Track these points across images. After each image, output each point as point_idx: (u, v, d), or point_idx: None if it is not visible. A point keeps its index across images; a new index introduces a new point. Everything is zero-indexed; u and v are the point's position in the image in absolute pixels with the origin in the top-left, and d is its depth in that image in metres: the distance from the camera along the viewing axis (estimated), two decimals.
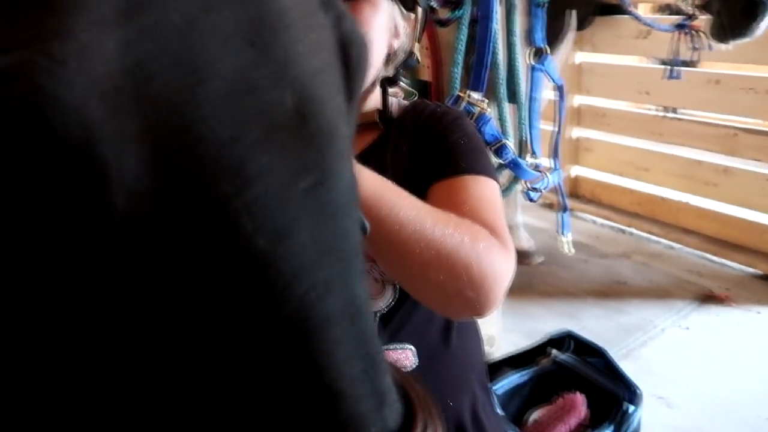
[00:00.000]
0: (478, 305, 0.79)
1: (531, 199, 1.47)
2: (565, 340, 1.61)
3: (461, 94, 1.29)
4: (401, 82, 1.01)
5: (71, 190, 0.29)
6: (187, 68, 0.31)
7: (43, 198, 0.29)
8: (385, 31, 0.92)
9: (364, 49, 0.44)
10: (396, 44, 0.95)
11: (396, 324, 0.92)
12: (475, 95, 1.29)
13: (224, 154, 0.32)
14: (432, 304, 0.83)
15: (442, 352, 0.98)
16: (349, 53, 0.42)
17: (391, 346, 0.92)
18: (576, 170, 3.65)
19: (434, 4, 1.32)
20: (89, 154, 0.28)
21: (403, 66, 0.99)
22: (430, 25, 1.37)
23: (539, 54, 1.43)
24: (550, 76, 1.43)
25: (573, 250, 1.59)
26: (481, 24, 1.26)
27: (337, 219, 0.38)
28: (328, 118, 0.38)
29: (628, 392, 1.42)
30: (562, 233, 1.60)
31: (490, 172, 0.91)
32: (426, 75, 1.44)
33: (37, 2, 0.28)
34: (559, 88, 1.47)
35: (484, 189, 0.89)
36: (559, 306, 2.79)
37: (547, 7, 2.37)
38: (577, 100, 3.45)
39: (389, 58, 0.96)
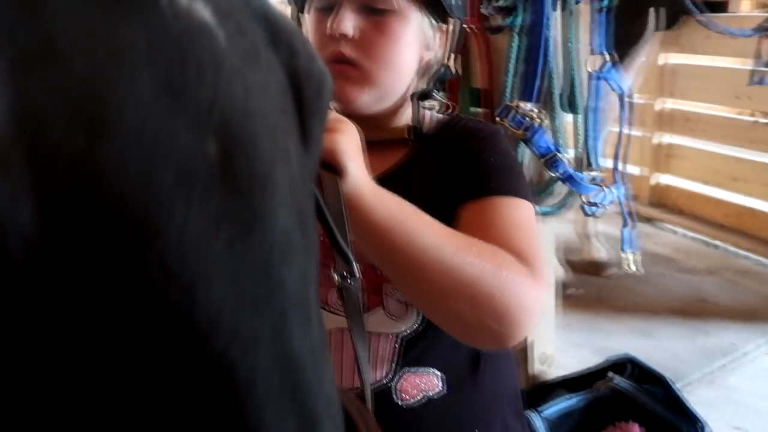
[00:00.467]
0: (501, 337, 0.75)
1: (588, 214, 1.39)
2: (626, 365, 1.52)
3: (511, 104, 1.24)
4: (436, 95, 0.98)
5: None
6: (88, 120, 0.30)
7: None
8: (416, 44, 0.89)
9: (322, 84, 0.43)
10: (428, 56, 0.92)
11: (421, 348, 0.90)
12: (526, 105, 1.23)
13: (129, 207, 0.31)
14: (453, 333, 0.80)
15: (471, 378, 0.94)
16: (303, 91, 0.41)
17: (415, 370, 0.90)
18: (659, 178, 3.45)
19: (486, 11, 1.28)
20: None
21: (439, 78, 0.96)
22: (483, 32, 1.33)
23: (603, 61, 1.35)
24: (612, 85, 1.35)
25: (642, 270, 1.49)
26: (533, 31, 1.21)
27: (268, 269, 0.36)
28: (262, 163, 0.36)
29: (692, 426, 1.32)
30: (624, 249, 1.51)
31: (523, 193, 0.86)
32: (480, 83, 1.40)
33: None
34: (620, 97, 1.38)
35: (516, 211, 0.84)
36: (633, 322, 2.64)
37: (627, 7, 2.27)
38: (660, 103, 3.26)
39: (422, 71, 0.93)
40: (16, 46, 0.29)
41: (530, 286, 0.76)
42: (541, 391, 1.50)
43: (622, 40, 2.40)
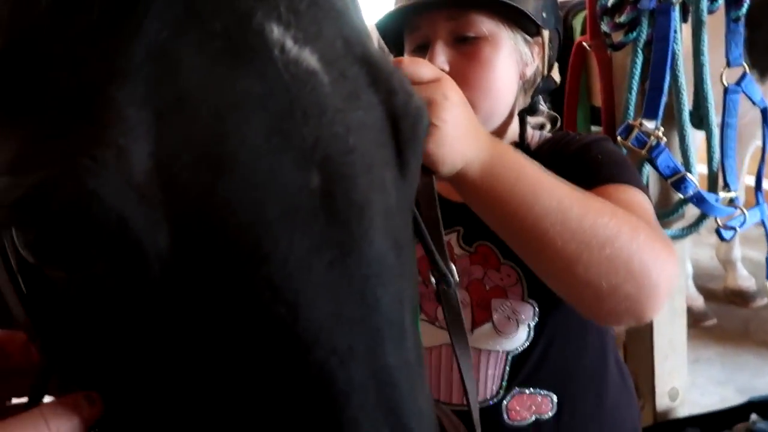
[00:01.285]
0: (639, 304, 0.69)
1: (723, 238, 1.28)
2: None
3: (633, 123, 1.18)
4: (542, 107, 0.96)
5: (114, 260, 0.36)
6: (212, 160, 0.36)
7: (96, 262, 0.37)
8: (512, 64, 0.89)
9: (418, 120, 0.46)
10: (529, 72, 0.91)
11: (531, 367, 0.88)
12: (648, 124, 1.17)
13: (244, 233, 0.36)
14: (584, 305, 0.74)
15: (586, 405, 0.90)
16: (399, 126, 0.44)
17: (527, 390, 0.88)
18: None
19: (606, 28, 1.24)
20: (125, 235, 0.35)
21: (542, 91, 0.95)
22: (603, 49, 1.28)
23: (741, 73, 1.25)
24: (750, 99, 1.24)
25: None
26: (657, 46, 1.15)
27: (364, 290, 0.40)
28: (360, 193, 0.40)
29: None
30: None
31: (637, 183, 0.83)
32: (599, 101, 1.35)
33: (82, 116, 0.35)
34: (763, 111, 1.26)
35: (632, 196, 0.80)
36: None
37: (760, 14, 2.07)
38: None
39: (525, 87, 0.93)
40: (156, 100, 0.35)
41: (668, 252, 0.70)
42: (669, 428, 1.39)
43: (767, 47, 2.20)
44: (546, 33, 0.92)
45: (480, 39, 0.87)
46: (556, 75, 0.96)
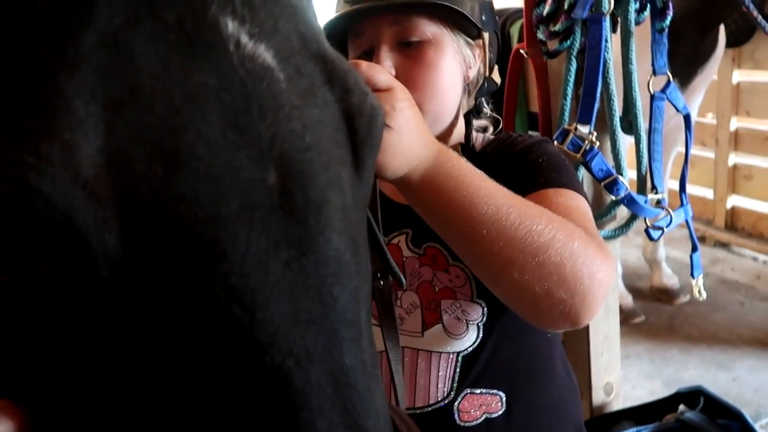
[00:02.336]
0: (572, 310, 0.71)
1: (652, 238, 1.34)
2: (698, 398, 1.44)
3: (568, 128, 1.23)
4: (485, 109, 0.99)
5: (59, 261, 0.34)
6: (166, 155, 0.34)
7: (37, 264, 0.34)
8: (456, 66, 0.91)
9: (374, 119, 0.46)
10: (472, 74, 0.93)
11: (480, 366, 0.89)
12: (583, 128, 1.22)
13: (199, 230, 0.35)
14: (520, 308, 0.76)
15: (536, 402, 0.92)
16: (356, 125, 0.44)
17: (477, 390, 0.89)
18: (734, 200, 3.29)
19: (542, 36, 1.28)
20: (71, 234, 0.33)
21: (485, 92, 0.97)
22: (539, 56, 1.33)
23: (666, 82, 1.32)
24: (674, 105, 1.31)
25: (704, 295, 1.42)
26: (589, 54, 1.20)
27: (321, 289, 0.39)
28: (317, 191, 0.40)
29: None
30: (694, 276, 1.44)
31: (576, 187, 0.85)
32: (536, 107, 1.39)
33: (27, 108, 0.33)
34: (686, 118, 1.34)
35: (570, 200, 0.83)
36: (707, 353, 2.50)
37: (695, 23, 2.20)
38: (734, 123, 3.12)
39: (469, 89, 0.95)
40: (107, 92, 0.34)
41: (602, 258, 0.73)
42: (605, 421, 1.45)
43: (691, 57, 2.33)
44: (486, 35, 0.94)
45: (424, 42, 0.88)
46: (496, 77, 0.99)
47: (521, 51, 1.34)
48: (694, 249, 1.43)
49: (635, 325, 2.72)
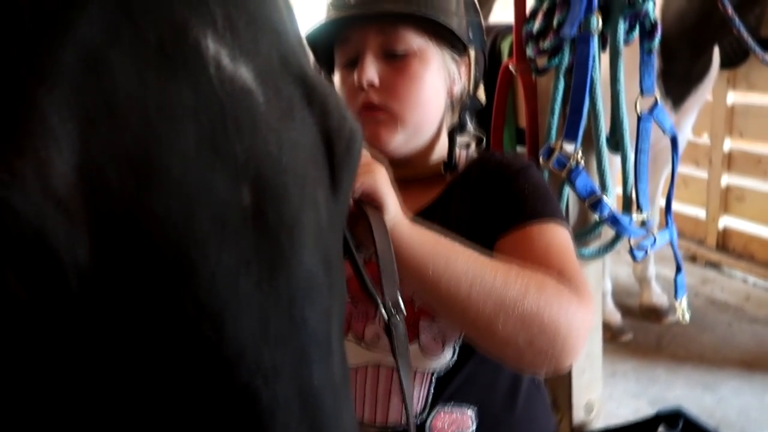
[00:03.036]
0: (554, 358, 0.74)
1: (635, 258, 1.34)
2: (677, 419, 1.44)
3: (554, 146, 1.23)
4: (469, 127, 0.99)
5: (30, 274, 0.34)
6: (140, 172, 0.35)
7: (8, 276, 0.35)
8: (440, 80, 0.91)
9: (352, 141, 0.46)
10: (456, 89, 0.93)
11: (454, 386, 0.89)
12: (568, 146, 1.21)
13: (170, 247, 0.35)
14: (507, 359, 0.79)
15: (504, 418, 0.92)
16: (333, 146, 0.45)
17: (449, 408, 0.89)
18: (726, 221, 3.29)
19: (531, 53, 1.28)
20: (42, 248, 0.33)
21: (469, 109, 0.97)
22: (528, 73, 1.33)
23: (653, 102, 1.32)
24: (661, 126, 1.31)
25: (688, 317, 1.42)
26: (576, 72, 1.20)
27: (292, 308, 0.40)
28: (291, 211, 0.40)
29: None
30: (678, 297, 1.44)
31: (557, 217, 0.87)
32: (524, 123, 1.39)
33: (4, 124, 0.33)
34: (672, 139, 1.34)
35: (551, 235, 0.84)
36: (693, 373, 2.50)
37: (689, 44, 2.21)
38: (728, 144, 3.13)
39: (453, 105, 0.95)
40: (84, 108, 0.34)
41: (577, 303, 0.75)
42: None
43: (685, 77, 2.34)
44: (472, 53, 0.94)
45: (409, 54, 0.88)
46: (482, 96, 0.99)
47: (510, 67, 1.34)
48: (678, 270, 1.43)
49: (623, 343, 2.72)
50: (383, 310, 0.69)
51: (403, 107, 0.88)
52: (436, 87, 0.91)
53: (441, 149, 0.96)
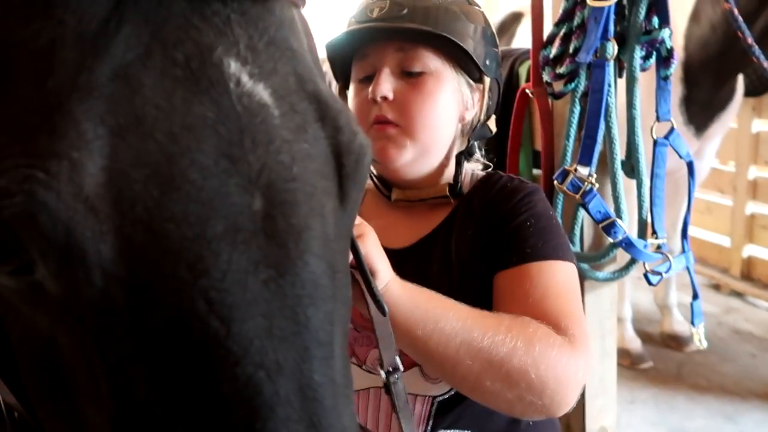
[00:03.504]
0: (545, 409, 0.76)
1: (650, 283, 1.34)
2: None
3: (568, 169, 1.24)
4: (478, 153, 1.00)
5: (57, 267, 0.38)
6: (162, 177, 0.38)
7: (37, 267, 0.38)
8: (453, 103, 0.92)
9: (361, 157, 0.50)
10: (468, 116, 0.94)
11: (456, 411, 0.89)
12: (583, 170, 1.23)
13: (186, 248, 0.39)
14: (498, 409, 0.80)
15: None
16: (343, 161, 0.48)
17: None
18: (751, 249, 3.23)
19: (547, 78, 1.31)
20: (70, 244, 0.37)
21: (478, 137, 0.98)
22: (545, 96, 1.35)
23: (669, 128, 1.33)
24: (677, 152, 1.32)
25: (705, 344, 1.41)
26: (592, 98, 1.22)
27: (296, 309, 0.42)
28: (299, 219, 0.43)
29: None
30: (695, 324, 1.43)
31: (561, 254, 0.86)
32: (540, 146, 1.41)
33: (42, 129, 0.37)
34: (689, 165, 1.35)
35: (552, 276, 0.84)
36: (714, 403, 2.45)
37: (714, 72, 2.20)
38: (753, 172, 3.09)
39: (465, 130, 0.96)
40: (116, 119, 0.38)
41: (568, 356, 0.75)
42: None
43: (708, 105, 2.33)
44: (487, 81, 0.94)
45: (426, 74, 0.89)
46: (492, 125, 0.99)
47: (527, 91, 1.37)
48: (695, 297, 1.42)
49: (643, 370, 2.67)
50: (382, 372, 0.71)
51: (414, 124, 0.88)
52: (449, 110, 0.92)
53: (449, 175, 0.96)
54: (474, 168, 1.00)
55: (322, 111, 0.46)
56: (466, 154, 0.96)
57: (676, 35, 2.16)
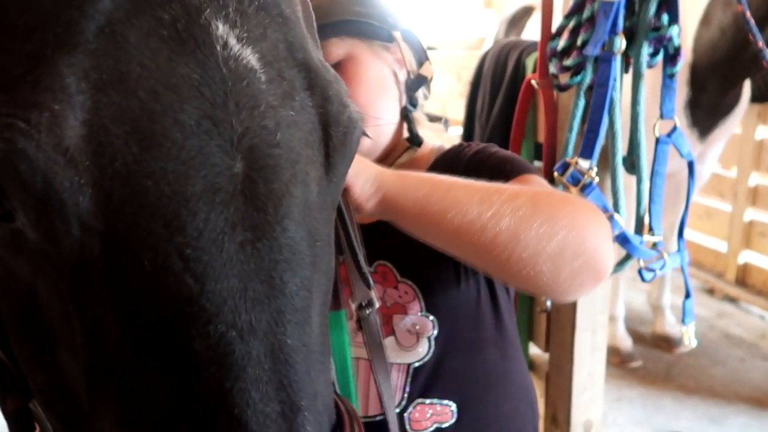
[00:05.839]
0: (591, 261, 0.71)
1: (644, 279, 1.34)
2: None
3: (569, 161, 1.25)
4: (420, 102, 1.00)
5: (36, 215, 0.38)
6: (143, 134, 0.39)
7: (17, 215, 0.39)
8: (380, 71, 0.92)
9: (349, 129, 0.50)
10: (401, 76, 0.95)
11: (432, 378, 0.91)
12: (583, 163, 1.23)
13: (163, 204, 0.39)
14: (542, 280, 0.72)
15: (484, 411, 0.94)
16: (331, 132, 0.48)
17: (428, 401, 0.91)
18: (747, 256, 3.25)
19: (554, 70, 1.30)
20: (49, 193, 0.37)
21: (417, 86, 0.98)
22: (550, 88, 1.35)
23: (672, 126, 1.33)
24: (678, 150, 1.32)
25: (694, 343, 1.42)
26: (596, 92, 1.22)
27: (273, 273, 0.42)
28: (280, 184, 0.43)
29: None
30: (685, 323, 1.44)
31: (531, 170, 0.87)
32: (542, 138, 1.41)
33: (27, 81, 0.37)
34: (689, 165, 1.35)
35: (535, 182, 0.84)
36: (700, 406, 2.47)
37: (720, 77, 2.20)
38: (754, 179, 3.10)
39: (407, 86, 0.96)
40: (99, 74, 0.38)
41: (594, 209, 0.76)
42: None
43: (714, 109, 2.33)
44: (398, 34, 0.94)
45: (342, 61, 0.89)
46: (430, 70, 1.00)
47: (533, 82, 1.37)
48: (687, 296, 1.43)
49: (632, 369, 2.70)
50: (352, 304, 0.71)
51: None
52: (380, 79, 0.92)
53: (405, 134, 0.98)
54: (440, 141, 1.01)
55: (312, 80, 0.47)
56: (409, 106, 0.97)
57: (685, 38, 2.16)
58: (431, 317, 0.91)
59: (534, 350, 1.65)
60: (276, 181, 0.43)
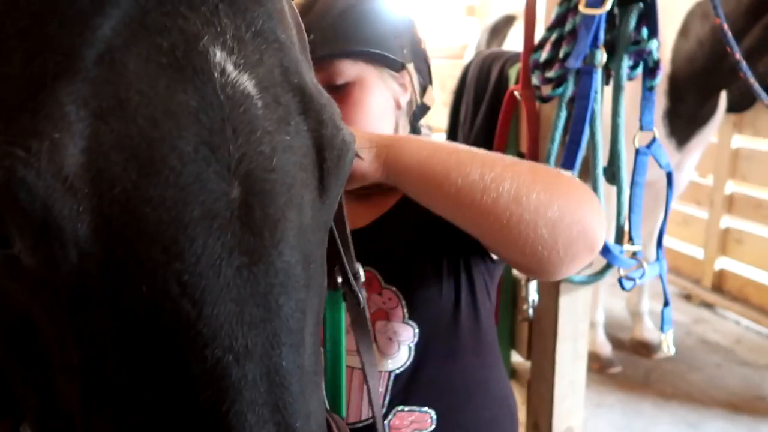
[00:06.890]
0: (587, 229, 0.74)
1: (624, 288, 1.36)
2: None
3: None
4: (424, 130, 1.03)
5: (35, 243, 0.38)
6: (142, 161, 0.39)
7: (15, 242, 0.39)
8: (384, 100, 0.95)
9: (343, 152, 0.50)
10: (403, 102, 0.98)
11: (412, 385, 0.92)
12: (565, 173, 1.25)
13: (161, 230, 0.39)
14: (542, 246, 0.74)
15: (464, 420, 0.94)
16: (325, 155, 0.48)
17: (408, 408, 0.91)
18: (723, 263, 3.30)
19: (536, 81, 1.32)
20: (48, 222, 0.37)
21: (420, 115, 1.01)
22: (532, 100, 1.37)
23: (651, 138, 1.35)
24: (657, 162, 1.34)
25: (673, 350, 1.44)
26: (578, 104, 1.23)
27: (268, 296, 0.43)
28: (276, 209, 0.44)
29: None
30: (664, 330, 1.46)
31: None
32: (525, 148, 1.43)
33: (27, 108, 0.37)
34: (668, 175, 1.37)
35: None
36: (679, 411, 2.51)
37: (697, 87, 2.24)
38: (730, 187, 3.16)
39: (406, 113, 0.99)
40: (99, 102, 0.38)
41: (586, 187, 0.80)
42: None
43: (691, 119, 2.38)
44: (411, 66, 0.97)
45: (349, 84, 0.91)
46: (432, 97, 1.03)
47: (515, 93, 1.38)
48: (666, 304, 1.45)
49: (611, 375, 2.73)
50: (339, 279, 0.71)
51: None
52: (381, 108, 0.94)
53: None
54: None
55: (306, 104, 0.47)
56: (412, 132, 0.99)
57: (664, 49, 2.20)
58: (413, 325, 0.92)
59: (516, 358, 1.67)
60: (272, 206, 0.43)
